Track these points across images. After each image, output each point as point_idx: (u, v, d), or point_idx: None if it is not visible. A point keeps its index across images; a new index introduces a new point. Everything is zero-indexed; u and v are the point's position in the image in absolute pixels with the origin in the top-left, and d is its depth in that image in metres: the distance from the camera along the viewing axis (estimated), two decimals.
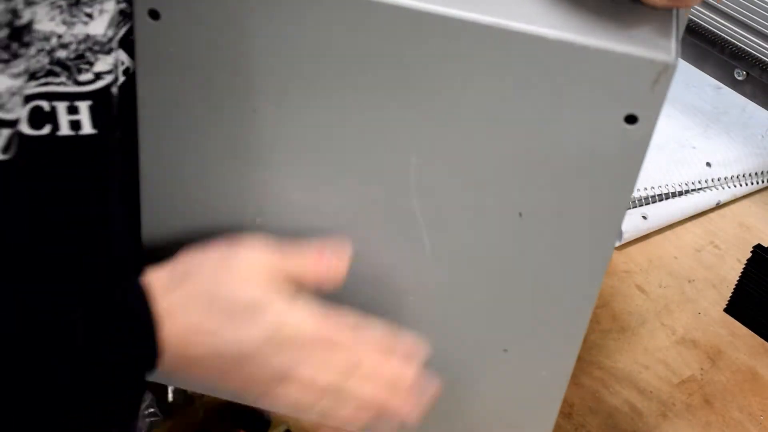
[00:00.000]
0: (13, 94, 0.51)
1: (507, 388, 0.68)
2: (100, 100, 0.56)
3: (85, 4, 0.53)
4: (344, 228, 0.61)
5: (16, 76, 0.51)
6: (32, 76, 0.53)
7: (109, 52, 0.55)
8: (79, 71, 0.55)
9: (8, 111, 0.51)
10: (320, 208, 0.61)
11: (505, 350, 0.66)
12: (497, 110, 0.54)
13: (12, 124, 0.52)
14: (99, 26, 0.54)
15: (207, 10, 0.54)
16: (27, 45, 0.51)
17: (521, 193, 0.57)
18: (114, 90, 0.57)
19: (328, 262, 0.59)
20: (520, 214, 0.58)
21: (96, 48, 0.55)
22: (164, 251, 0.66)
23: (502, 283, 0.61)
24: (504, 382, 0.68)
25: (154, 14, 0.54)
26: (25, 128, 0.54)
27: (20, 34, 0.50)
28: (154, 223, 0.64)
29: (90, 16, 0.54)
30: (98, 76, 0.56)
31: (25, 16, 0.50)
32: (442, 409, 0.70)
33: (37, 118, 0.55)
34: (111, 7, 0.54)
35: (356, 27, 0.52)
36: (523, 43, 0.51)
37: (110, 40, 0.55)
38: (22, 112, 0.53)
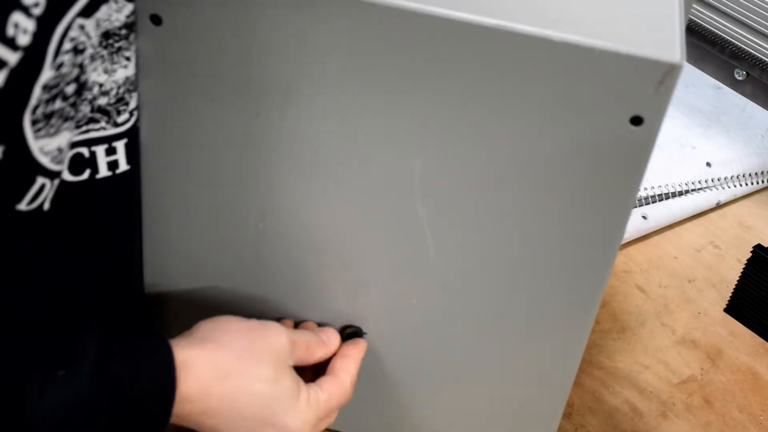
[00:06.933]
0: (69, 146, 0.51)
1: (511, 389, 0.68)
2: (132, 136, 0.56)
3: (125, 48, 0.53)
4: (348, 232, 0.61)
5: (73, 129, 0.51)
6: (76, 125, 0.52)
7: (137, 88, 0.55)
8: (119, 113, 0.55)
9: (60, 163, 0.51)
10: (323, 213, 0.61)
11: (509, 351, 0.66)
12: (502, 112, 0.54)
13: (58, 175, 0.52)
14: (133, 66, 0.54)
15: (209, 15, 0.54)
16: (84, 99, 0.51)
17: (526, 195, 0.57)
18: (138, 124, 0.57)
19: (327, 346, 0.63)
20: (524, 216, 0.58)
21: (131, 87, 0.55)
22: (165, 256, 0.66)
23: (507, 285, 0.61)
24: (508, 383, 0.68)
25: (156, 20, 0.54)
26: (66, 175, 0.54)
27: (82, 89, 0.50)
28: (155, 229, 0.64)
29: (128, 59, 0.54)
30: (131, 113, 0.56)
31: (89, 70, 0.50)
32: (446, 409, 0.71)
33: (77, 164, 0.54)
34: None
35: (359, 30, 0.52)
36: (528, 45, 0.51)
37: (137, 76, 0.55)
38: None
